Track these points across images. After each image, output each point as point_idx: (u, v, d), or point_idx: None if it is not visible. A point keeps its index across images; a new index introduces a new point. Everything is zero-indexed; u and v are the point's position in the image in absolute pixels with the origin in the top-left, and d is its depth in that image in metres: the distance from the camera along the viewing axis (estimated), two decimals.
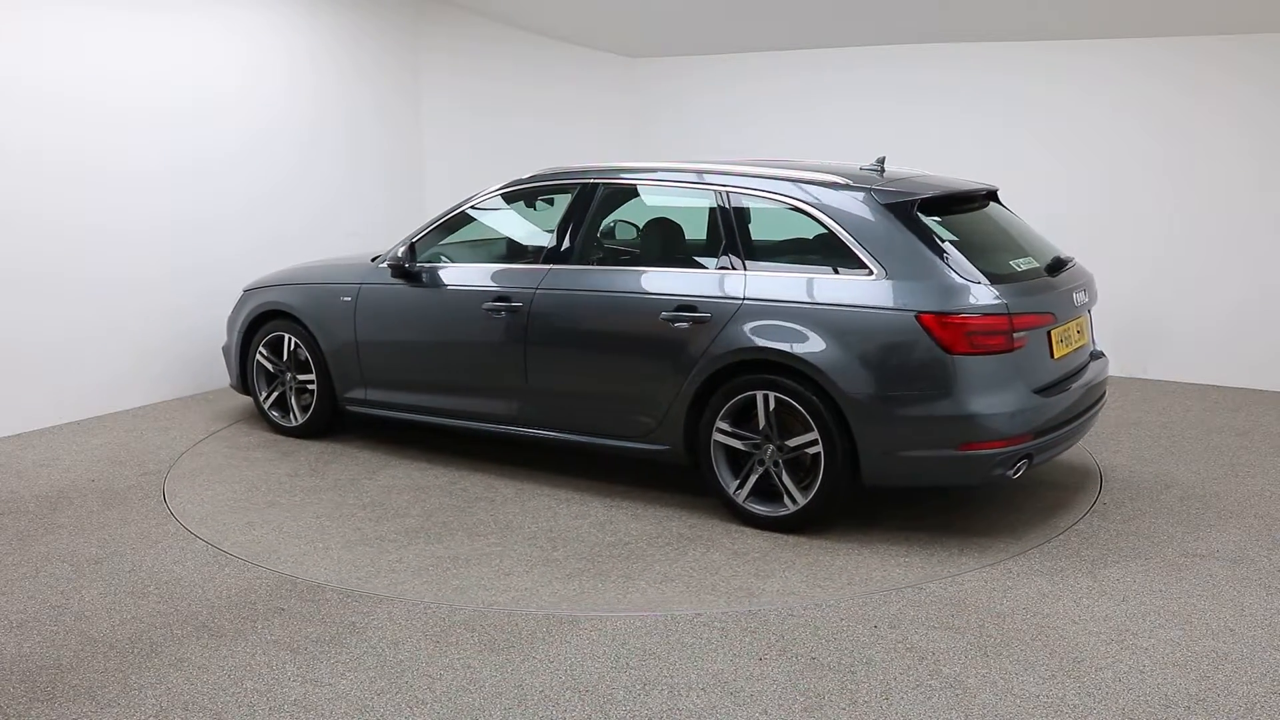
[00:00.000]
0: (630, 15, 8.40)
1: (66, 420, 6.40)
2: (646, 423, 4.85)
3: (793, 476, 4.51)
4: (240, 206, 7.25)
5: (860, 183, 4.63)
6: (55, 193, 6.21)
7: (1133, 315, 7.49)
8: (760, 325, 4.51)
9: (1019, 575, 4.12)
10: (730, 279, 4.66)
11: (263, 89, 7.34)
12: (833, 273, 4.51)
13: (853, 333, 4.34)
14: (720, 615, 3.79)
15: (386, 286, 5.65)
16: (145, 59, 6.61)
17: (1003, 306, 4.26)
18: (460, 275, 5.51)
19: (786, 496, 4.52)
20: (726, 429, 4.62)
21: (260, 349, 6.16)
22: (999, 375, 4.26)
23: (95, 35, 6.33)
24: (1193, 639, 3.57)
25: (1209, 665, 3.39)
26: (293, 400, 6.11)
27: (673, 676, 3.35)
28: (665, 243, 5.23)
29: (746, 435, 4.59)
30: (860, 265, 4.43)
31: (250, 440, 6.06)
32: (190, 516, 4.84)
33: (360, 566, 4.26)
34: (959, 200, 4.87)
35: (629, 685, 3.29)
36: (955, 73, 7.99)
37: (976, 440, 4.22)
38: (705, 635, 3.63)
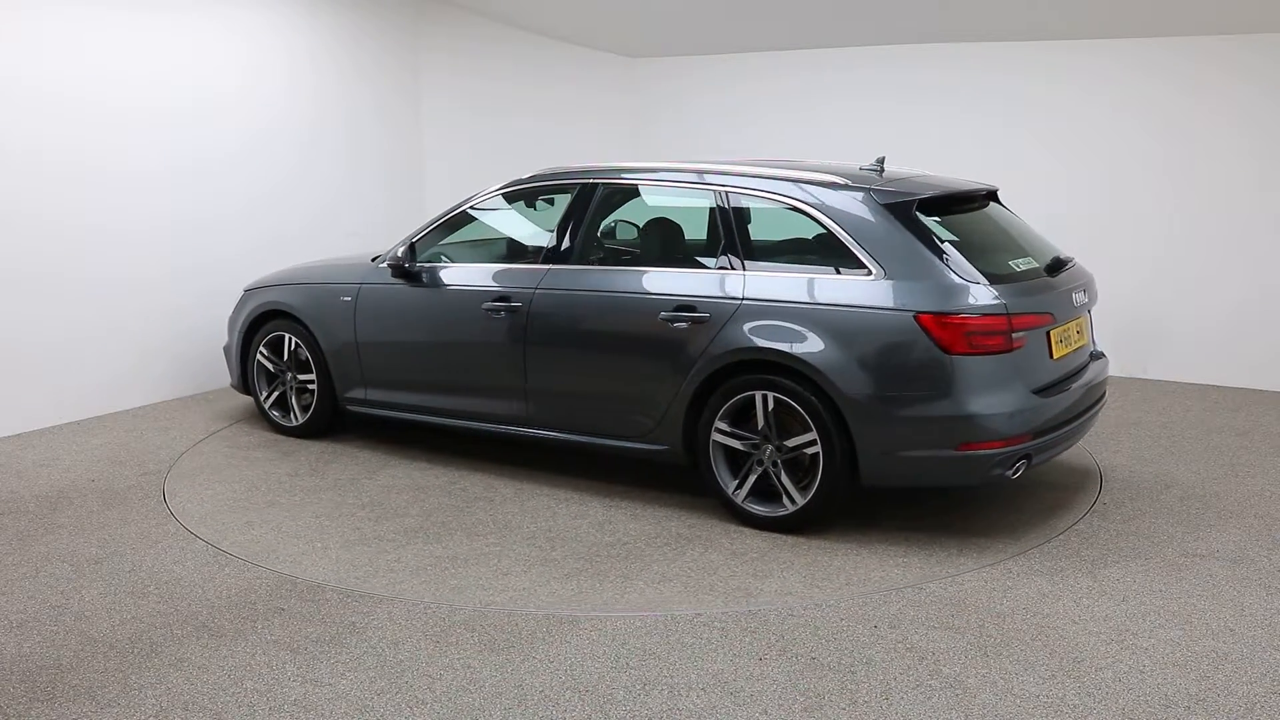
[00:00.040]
0: (630, 15, 8.40)
1: (66, 420, 6.40)
2: (645, 423, 4.85)
3: (791, 477, 4.51)
4: (240, 206, 7.26)
5: (859, 183, 4.63)
6: (55, 193, 6.21)
7: (1133, 315, 7.49)
8: (759, 325, 4.51)
9: (1019, 575, 4.12)
10: (729, 279, 4.66)
11: (263, 89, 7.34)
12: (832, 273, 4.50)
13: (851, 333, 4.33)
14: (720, 615, 3.79)
15: (386, 286, 5.65)
16: (145, 59, 6.61)
17: (1001, 307, 4.26)
18: (460, 275, 5.51)
19: (785, 497, 4.52)
20: (725, 429, 4.62)
21: (261, 349, 6.17)
22: (998, 375, 4.26)
23: (95, 35, 6.33)
24: (1193, 639, 3.57)
25: (1209, 665, 3.39)
26: (293, 400, 6.11)
27: (673, 676, 3.35)
28: (665, 243, 5.23)
29: (745, 435, 4.59)
30: (859, 265, 4.43)
31: (250, 440, 6.06)
32: (190, 516, 4.84)
33: (359, 566, 4.26)
34: (958, 200, 4.87)
35: (629, 685, 3.29)
36: (955, 73, 7.99)
37: (975, 440, 4.22)
38: (705, 635, 3.63)
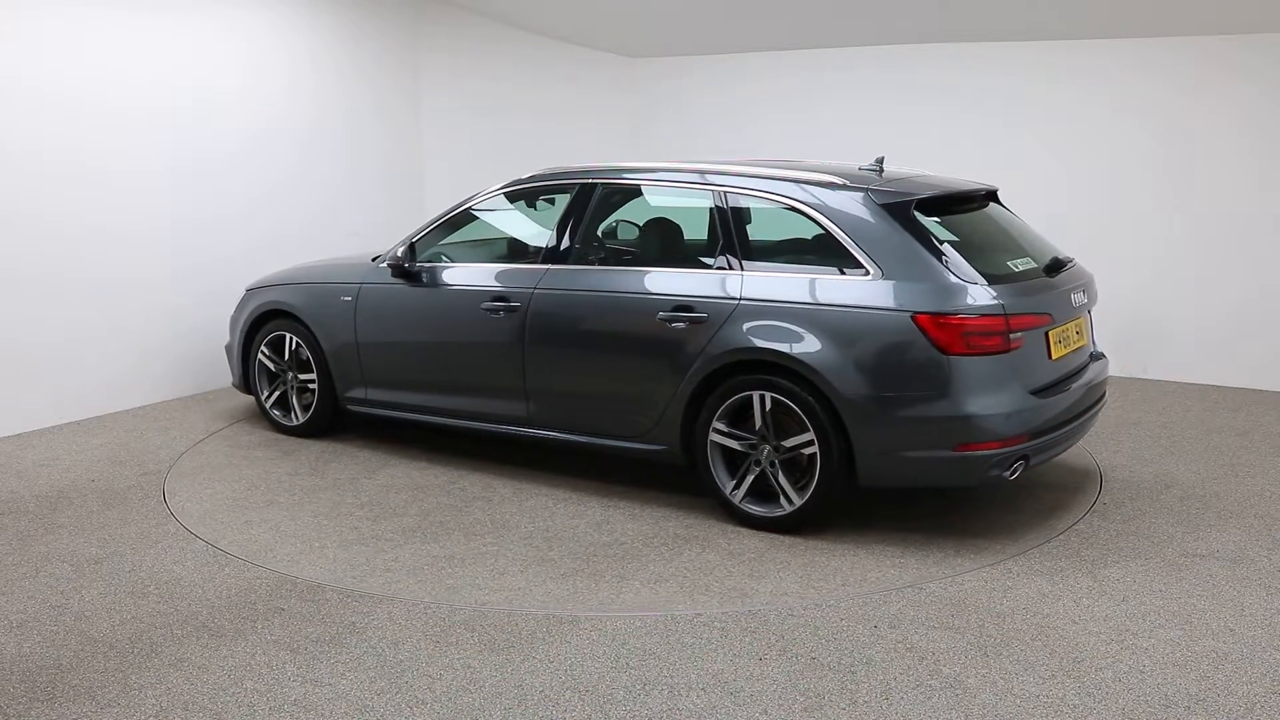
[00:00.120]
0: (630, 15, 8.41)
1: (66, 420, 6.41)
2: (644, 423, 4.85)
3: (789, 477, 4.51)
4: (240, 206, 7.26)
5: (858, 183, 4.63)
6: (55, 193, 6.21)
7: (1133, 315, 7.49)
8: (757, 325, 4.51)
9: (1019, 575, 4.12)
10: (727, 279, 4.66)
11: (263, 89, 7.34)
12: (830, 273, 4.50)
13: (849, 333, 4.33)
14: (720, 615, 3.79)
15: (386, 286, 5.65)
16: (145, 59, 6.61)
17: (999, 307, 4.26)
18: (460, 275, 5.51)
19: (783, 497, 4.51)
20: (723, 429, 4.62)
21: (262, 348, 6.17)
22: (995, 376, 4.26)
23: (95, 35, 6.33)
24: (1193, 639, 3.57)
25: (1209, 665, 3.39)
26: (294, 399, 6.12)
27: (673, 676, 3.35)
28: (664, 243, 5.23)
29: (743, 435, 4.59)
30: (857, 265, 4.43)
31: (250, 440, 6.07)
32: (190, 516, 4.84)
33: (356, 566, 4.26)
34: (958, 200, 4.87)
35: (629, 685, 3.30)
36: (955, 73, 7.99)
37: (973, 441, 4.22)
38: (705, 635, 3.63)
